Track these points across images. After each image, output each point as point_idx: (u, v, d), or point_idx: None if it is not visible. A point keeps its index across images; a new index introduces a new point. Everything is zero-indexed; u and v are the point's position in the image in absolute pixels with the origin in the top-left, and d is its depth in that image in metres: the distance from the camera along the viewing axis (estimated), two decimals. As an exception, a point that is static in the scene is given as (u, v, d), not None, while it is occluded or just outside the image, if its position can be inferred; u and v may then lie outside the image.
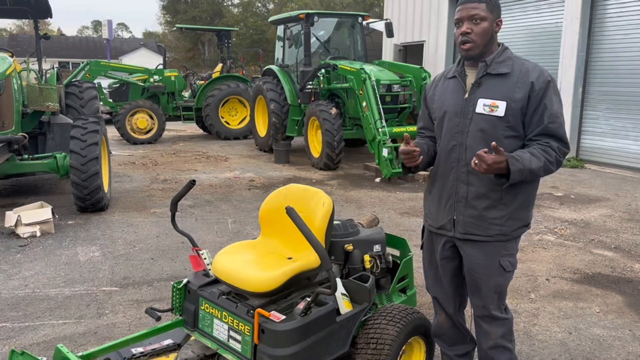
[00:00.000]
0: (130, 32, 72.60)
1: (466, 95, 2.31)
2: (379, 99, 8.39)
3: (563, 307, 3.86)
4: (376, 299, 2.92)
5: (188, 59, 42.74)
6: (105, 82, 14.08)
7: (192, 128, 15.54)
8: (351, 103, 9.45)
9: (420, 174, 8.09)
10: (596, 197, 7.38)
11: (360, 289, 2.56)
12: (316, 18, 10.04)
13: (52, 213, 5.57)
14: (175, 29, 16.58)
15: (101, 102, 11.33)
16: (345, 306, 2.47)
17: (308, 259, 2.46)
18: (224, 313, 2.44)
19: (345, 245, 2.84)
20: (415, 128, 9.62)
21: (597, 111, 10.05)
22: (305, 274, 2.48)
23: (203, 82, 14.01)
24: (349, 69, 9.02)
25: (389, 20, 10.93)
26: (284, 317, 2.26)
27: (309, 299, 2.28)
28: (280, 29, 11.27)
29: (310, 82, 9.83)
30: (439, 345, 2.72)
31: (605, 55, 9.83)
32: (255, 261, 2.53)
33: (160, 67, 14.09)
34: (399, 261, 3.12)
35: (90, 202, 6.03)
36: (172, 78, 13.48)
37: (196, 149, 11.81)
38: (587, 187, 8.00)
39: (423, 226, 2.65)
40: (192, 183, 2.71)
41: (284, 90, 10.53)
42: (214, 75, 13.96)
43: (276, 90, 10.63)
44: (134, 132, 12.41)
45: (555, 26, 10.62)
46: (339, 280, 2.50)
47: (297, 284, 2.52)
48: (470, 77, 2.33)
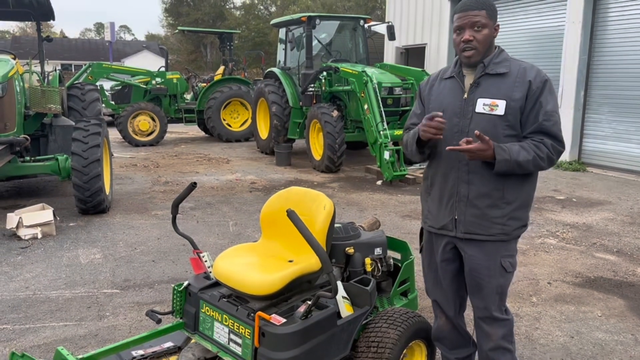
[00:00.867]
0: (132, 34, 72.77)
1: (465, 96, 2.32)
2: (380, 101, 8.40)
3: (565, 310, 3.84)
4: (377, 302, 2.92)
5: (190, 61, 42.81)
6: (107, 85, 14.12)
7: (193, 130, 15.55)
8: (353, 106, 9.45)
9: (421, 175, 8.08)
10: (598, 200, 7.37)
11: (361, 292, 2.55)
12: (318, 21, 10.06)
13: (54, 215, 5.57)
14: (177, 31, 16.60)
15: (103, 104, 11.37)
16: (346, 309, 2.46)
17: (309, 262, 2.46)
18: (224, 316, 2.44)
19: (346, 248, 2.84)
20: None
21: (599, 114, 10.04)
22: (306, 277, 2.48)
23: (205, 84, 14.03)
24: (351, 71, 9.03)
25: (390, 23, 10.94)
26: (284, 320, 2.25)
27: (309, 302, 2.28)
28: (282, 32, 11.29)
29: (312, 85, 9.84)
30: (440, 349, 2.71)
31: (607, 58, 9.82)
32: (256, 264, 2.53)
33: (163, 69, 14.12)
34: (400, 264, 3.11)
35: (91, 204, 6.03)
36: (174, 80, 13.50)
37: (198, 151, 11.82)
38: (589, 191, 7.98)
39: (421, 228, 2.64)
40: (193, 185, 2.71)
41: (286, 93, 10.53)
42: (216, 78, 13.97)
43: (278, 92, 10.64)
44: (136, 134, 12.43)
45: (557, 29, 10.62)
46: (339, 284, 2.49)
47: (298, 287, 2.52)
48: (468, 77, 2.34)
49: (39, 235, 5.35)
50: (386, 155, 7.90)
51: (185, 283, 2.70)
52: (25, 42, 37.83)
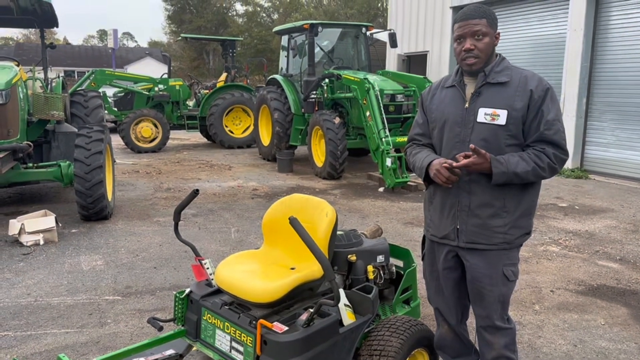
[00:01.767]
0: (135, 41, 73.09)
1: (466, 105, 2.31)
2: (382, 108, 8.42)
3: (568, 319, 3.83)
4: (380, 310, 2.91)
5: (193, 68, 42.99)
6: (110, 91, 14.16)
7: (196, 137, 15.58)
8: (355, 112, 9.46)
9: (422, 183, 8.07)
10: (601, 208, 7.35)
11: (363, 300, 2.54)
12: (320, 28, 10.09)
13: (56, 221, 5.57)
14: (180, 38, 16.71)
15: (106, 111, 11.40)
16: (348, 317, 2.45)
17: (311, 269, 2.45)
18: (226, 323, 2.43)
19: (349, 256, 2.83)
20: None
21: (602, 122, 10.03)
22: (308, 285, 2.47)
23: (207, 91, 14.07)
24: (353, 78, 9.05)
25: (392, 31, 10.98)
26: (286, 328, 2.25)
27: (311, 310, 2.27)
28: (284, 39, 11.33)
29: (314, 92, 9.86)
30: (442, 357, 2.70)
31: (609, 65, 9.83)
32: (258, 271, 2.52)
33: (165, 76, 14.17)
34: (402, 272, 3.10)
35: (93, 210, 6.03)
36: (177, 87, 13.55)
37: (200, 158, 11.84)
38: (592, 198, 7.96)
39: (424, 236, 2.64)
40: (196, 192, 2.71)
41: (288, 100, 10.56)
42: (219, 85, 14.02)
43: (280, 99, 10.66)
44: (139, 141, 12.46)
45: (558, 37, 10.64)
46: (342, 291, 2.49)
47: (300, 294, 2.51)
48: (470, 86, 2.34)
49: (41, 242, 5.35)
50: (388, 162, 7.90)
51: (187, 290, 2.69)
52: (28, 48, 38.04)
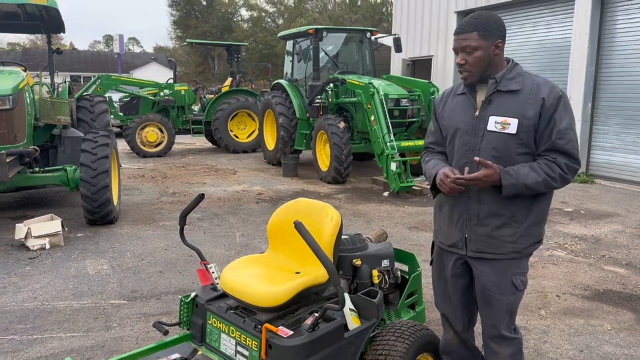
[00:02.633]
0: (141, 46, 73.45)
1: (477, 113, 2.28)
2: (387, 113, 8.42)
3: (574, 324, 3.81)
4: (385, 314, 2.91)
5: (198, 73, 43.13)
6: (116, 96, 14.24)
7: (201, 141, 15.62)
8: (359, 117, 9.47)
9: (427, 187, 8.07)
10: (607, 212, 7.32)
11: (368, 304, 2.54)
12: (325, 33, 10.13)
13: (62, 225, 5.60)
14: (185, 43, 16.76)
15: (112, 116, 11.46)
16: (353, 322, 2.45)
17: (316, 273, 2.45)
18: (231, 328, 2.43)
19: (354, 260, 2.83)
20: (422, 142, 9.50)
21: (607, 126, 10.00)
22: (313, 289, 2.48)
23: (212, 96, 14.12)
24: (358, 83, 9.06)
25: (397, 35, 11.00)
26: (291, 332, 2.25)
27: (316, 314, 2.27)
28: (289, 44, 11.37)
29: (319, 96, 9.88)
30: None
31: (615, 70, 9.80)
32: (263, 275, 2.53)
33: (171, 81, 14.23)
34: (407, 276, 3.10)
35: (99, 214, 6.06)
36: (182, 92, 13.61)
37: (205, 162, 11.87)
38: (598, 203, 7.93)
39: (433, 242, 2.63)
40: (201, 197, 2.72)
41: (293, 104, 10.59)
42: (224, 89, 14.06)
43: (285, 104, 10.69)
44: (144, 146, 12.51)
45: (564, 41, 10.63)
46: (347, 296, 2.49)
47: (305, 299, 2.51)
48: (480, 94, 2.30)
49: (47, 246, 5.38)
50: (393, 166, 7.90)
51: (193, 294, 2.70)
52: (35, 54, 38.26)
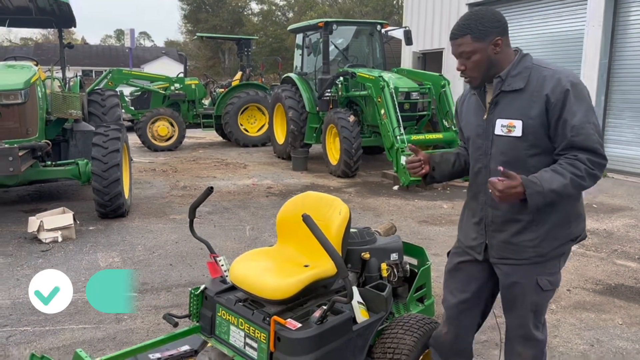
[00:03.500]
0: (152, 40, 73.46)
1: (485, 116, 2.20)
2: (397, 106, 8.37)
3: (585, 318, 3.78)
4: (393, 308, 2.90)
5: (208, 67, 43.21)
6: (127, 90, 14.30)
7: (211, 135, 15.66)
8: (369, 110, 9.44)
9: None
10: (619, 206, 7.24)
11: (376, 297, 2.54)
12: (335, 26, 10.08)
13: (74, 219, 5.65)
14: (196, 37, 16.84)
15: (123, 110, 11.52)
16: (361, 315, 2.45)
17: (325, 266, 2.46)
18: (240, 320, 2.45)
19: (362, 254, 2.83)
20: (433, 136, 9.41)
21: (620, 119, 9.87)
22: (322, 282, 2.48)
23: (223, 90, 14.14)
24: (368, 76, 9.02)
25: (408, 28, 10.92)
26: (300, 325, 2.25)
27: (325, 307, 2.27)
28: (299, 37, 11.34)
29: (329, 90, 9.85)
30: (433, 355, 2.55)
31: (628, 62, 9.66)
32: (272, 268, 2.53)
33: (181, 75, 14.29)
34: (416, 270, 3.09)
35: (110, 208, 6.10)
36: (193, 86, 13.65)
37: (215, 156, 11.91)
38: (610, 196, 7.85)
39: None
40: (210, 190, 2.73)
41: (303, 98, 10.57)
42: (234, 83, 14.08)
43: (295, 98, 10.67)
44: (155, 140, 12.57)
45: (576, 32, 10.49)
46: (355, 289, 2.49)
47: (314, 291, 2.52)
48: (489, 93, 2.21)
49: (59, 239, 5.43)
50: (403, 160, 7.85)
51: (202, 287, 2.71)
52: (47, 48, 38.54)
